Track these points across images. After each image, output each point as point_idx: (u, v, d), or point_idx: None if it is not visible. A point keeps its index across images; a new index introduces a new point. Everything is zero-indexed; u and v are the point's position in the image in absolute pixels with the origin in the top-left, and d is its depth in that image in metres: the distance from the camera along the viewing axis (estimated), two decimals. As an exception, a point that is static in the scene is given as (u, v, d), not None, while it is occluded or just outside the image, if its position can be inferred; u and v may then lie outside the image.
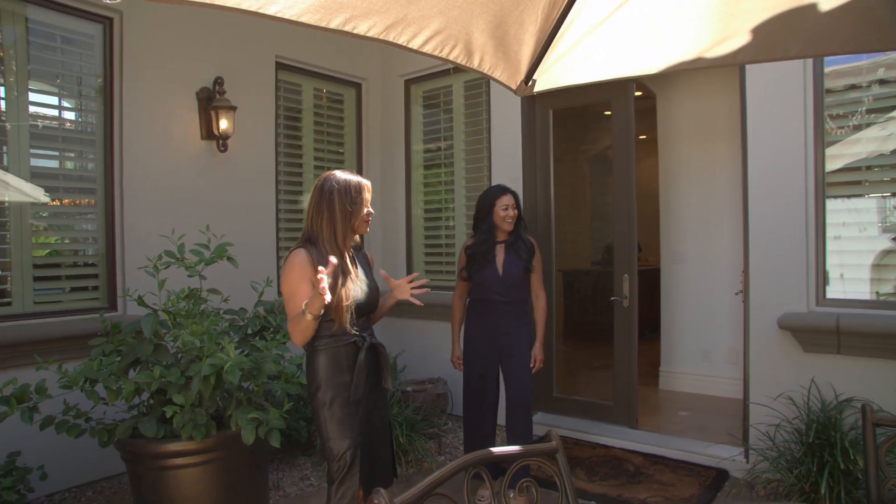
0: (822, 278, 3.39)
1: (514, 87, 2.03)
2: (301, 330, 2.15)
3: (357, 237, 2.42)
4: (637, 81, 5.18)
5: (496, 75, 1.90)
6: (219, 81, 4.11)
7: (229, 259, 2.98)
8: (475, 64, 1.80)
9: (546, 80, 2.06)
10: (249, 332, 3.15)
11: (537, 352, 3.37)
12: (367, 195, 2.34)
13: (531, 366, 3.34)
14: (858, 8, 1.77)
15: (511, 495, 2.49)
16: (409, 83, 5.20)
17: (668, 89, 5.49)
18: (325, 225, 2.25)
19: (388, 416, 2.59)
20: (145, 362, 2.71)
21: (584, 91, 4.37)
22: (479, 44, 1.73)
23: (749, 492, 3.26)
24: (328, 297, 2.03)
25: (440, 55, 1.67)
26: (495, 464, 3.00)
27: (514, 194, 3.36)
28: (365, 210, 2.32)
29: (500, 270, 3.29)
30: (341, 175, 2.32)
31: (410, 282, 2.46)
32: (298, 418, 3.94)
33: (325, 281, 1.99)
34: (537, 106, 4.58)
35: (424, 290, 2.44)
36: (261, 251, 4.42)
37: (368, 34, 1.50)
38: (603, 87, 4.23)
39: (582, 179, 7.86)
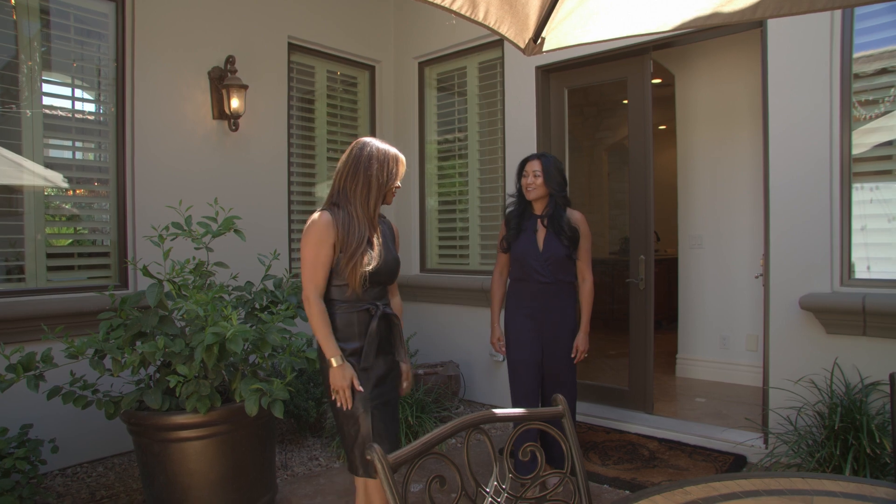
0: (848, 258, 3.26)
1: (522, 45, 1.96)
2: (314, 324, 2.19)
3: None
4: (656, 64, 5.07)
5: (503, 31, 1.83)
6: (230, 60, 4.09)
7: (236, 232, 2.95)
8: (480, 17, 1.73)
9: (555, 38, 1.98)
10: (257, 306, 3.12)
11: (580, 341, 3.07)
12: (402, 168, 2.34)
13: (572, 356, 3.06)
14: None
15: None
16: (423, 65, 5.14)
17: (686, 71, 5.36)
18: (359, 190, 2.22)
19: (397, 391, 2.44)
20: (150, 334, 2.70)
21: (599, 68, 4.28)
22: (484, -7, 1.67)
23: (772, 472, 3.16)
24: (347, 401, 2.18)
25: (443, 4, 1.61)
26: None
27: (545, 160, 3.01)
28: (397, 182, 2.33)
29: (541, 247, 3.01)
30: (380, 144, 2.32)
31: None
32: (307, 399, 3.92)
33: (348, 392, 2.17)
34: (552, 84, 4.49)
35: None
36: (272, 231, 4.40)
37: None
38: (618, 65, 4.16)
39: (600, 169, 7.77)
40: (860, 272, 3.25)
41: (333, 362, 2.15)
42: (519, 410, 1.52)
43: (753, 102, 4.58)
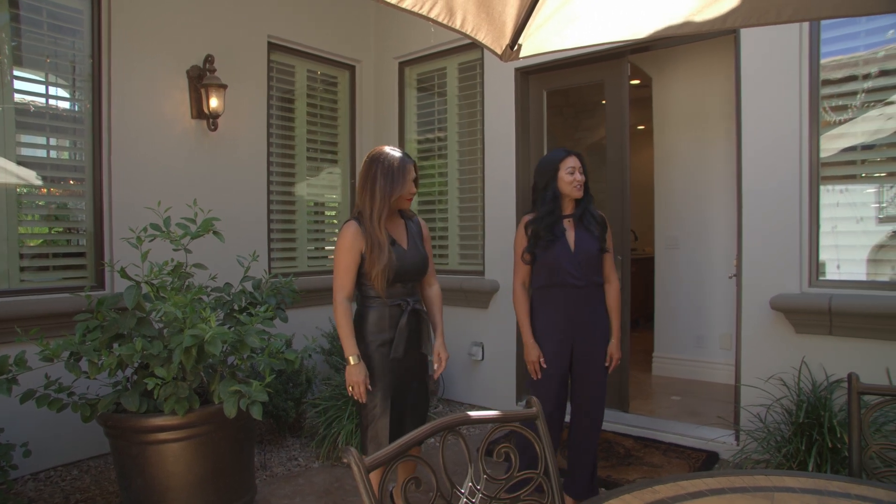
0: (816, 260, 3.35)
1: (499, 51, 1.99)
2: (338, 320, 2.42)
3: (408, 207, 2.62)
4: (633, 66, 5.14)
5: (480, 38, 1.86)
6: (209, 59, 4.07)
7: (215, 234, 2.95)
8: (457, 24, 1.76)
9: (532, 44, 2.02)
10: (236, 307, 3.12)
11: (614, 349, 2.82)
12: (409, 176, 2.48)
13: (606, 365, 2.82)
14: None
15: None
16: (403, 65, 5.16)
17: (663, 74, 5.45)
18: (367, 201, 2.43)
19: (427, 383, 2.66)
20: (128, 336, 2.68)
21: (577, 71, 4.33)
22: (460, 2, 1.69)
23: (739, 470, 3.23)
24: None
25: (420, 12, 1.63)
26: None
27: (580, 156, 2.84)
28: (408, 189, 2.48)
29: (573, 247, 2.76)
30: (388, 153, 2.48)
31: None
32: (287, 399, 3.92)
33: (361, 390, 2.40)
34: (531, 86, 4.53)
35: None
36: (252, 232, 4.39)
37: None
38: (596, 67, 4.21)
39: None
40: (831, 273, 3.34)
41: (351, 360, 2.38)
42: (494, 413, 1.55)
43: (728, 105, 4.67)
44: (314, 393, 4.11)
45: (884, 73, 3.20)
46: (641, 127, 7.63)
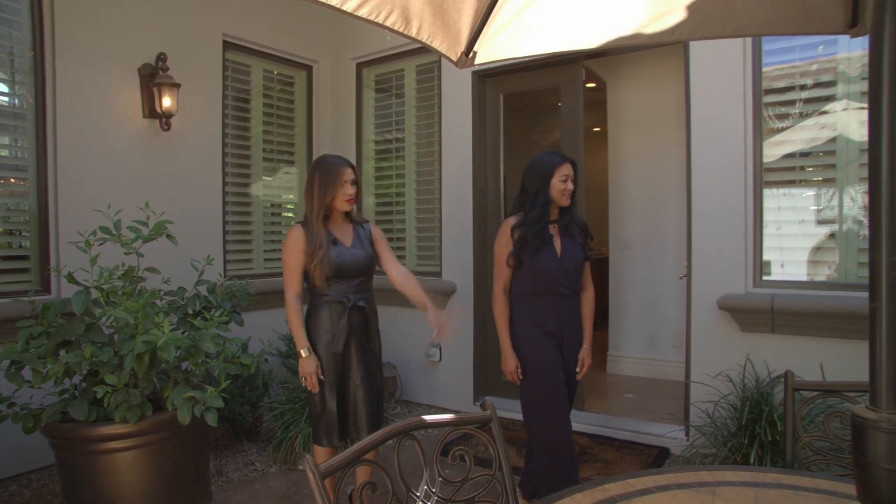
0: (760, 261, 3.49)
1: (454, 58, 2.02)
2: (288, 316, 2.62)
3: (352, 213, 2.78)
4: (588, 70, 5.25)
5: (436, 45, 1.88)
6: (162, 58, 3.98)
7: (168, 237, 2.89)
8: (413, 32, 1.77)
9: (487, 52, 2.05)
10: (190, 312, 3.06)
11: (586, 355, 2.79)
12: (346, 177, 2.64)
13: (578, 370, 2.80)
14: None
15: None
16: (361, 66, 5.14)
17: (617, 79, 5.58)
18: (308, 203, 2.66)
19: (377, 380, 2.77)
20: (76, 342, 2.61)
21: (534, 75, 4.40)
22: (416, 10, 1.71)
23: (685, 466, 3.35)
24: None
25: (376, 20, 1.64)
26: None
27: (574, 164, 2.77)
28: (343, 191, 2.63)
29: (559, 254, 2.70)
30: (327, 157, 2.72)
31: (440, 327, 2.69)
32: (243, 403, 3.87)
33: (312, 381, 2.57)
34: (488, 90, 4.58)
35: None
36: (207, 235, 4.31)
37: (299, -7, 1.46)
38: (552, 72, 4.29)
39: (536, 169, 7.93)
40: (775, 273, 3.49)
41: (302, 353, 2.57)
42: (448, 416, 1.58)
43: (679, 111, 4.81)
44: (271, 396, 4.06)
45: (818, 84, 3.37)
46: (597, 129, 7.78)
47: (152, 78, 3.96)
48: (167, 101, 3.94)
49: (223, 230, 4.48)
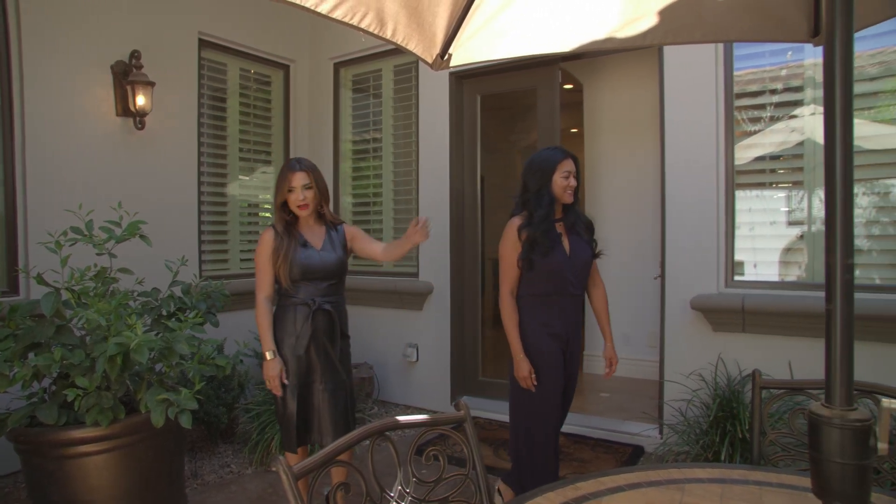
0: (731, 262, 3.56)
1: (429, 60, 2.03)
2: (256, 316, 2.66)
3: (325, 214, 2.77)
4: (565, 71, 5.29)
5: (410, 47, 1.89)
6: (135, 55, 3.93)
7: (142, 237, 2.85)
8: (388, 34, 1.78)
9: (462, 54, 2.06)
10: (164, 313, 3.03)
11: (611, 353, 2.79)
12: (293, 183, 2.64)
13: (607, 370, 2.79)
14: (754, 0, 1.87)
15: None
16: (338, 66, 5.13)
17: (594, 81, 5.64)
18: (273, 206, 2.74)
19: (344, 384, 2.73)
20: (45, 345, 2.57)
21: (511, 77, 4.43)
22: (391, 12, 1.71)
23: (656, 464, 3.41)
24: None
25: (351, 22, 1.65)
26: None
27: (576, 159, 2.70)
28: (293, 196, 2.64)
29: (569, 253, 2.62)
30: (289, 161, 2.74)
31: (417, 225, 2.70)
32: (218, 404, 3.84)
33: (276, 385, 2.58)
34: (465, 91, 4.60)
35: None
36: (181, 235, 4.26)
37: (273, -6, 1.46)
38: (529, 74, 4.32)
39: (514, 169, 7.99)
40: (746, 274, 3.55)
41: (267, 356, 2.58)
42: (422, 417, 1.59)
43: (655, 113, 4.87)
44: (247, 397, 4.04)
45: (787, 89, 3.44)
46: (575, 130, 7.85)
47: (126, 75, 3.91)
48: (141, 100, 3.89)
49: (198, 230, 4.44)
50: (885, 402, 0.93)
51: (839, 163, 0.91)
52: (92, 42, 3.79)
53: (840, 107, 0.90)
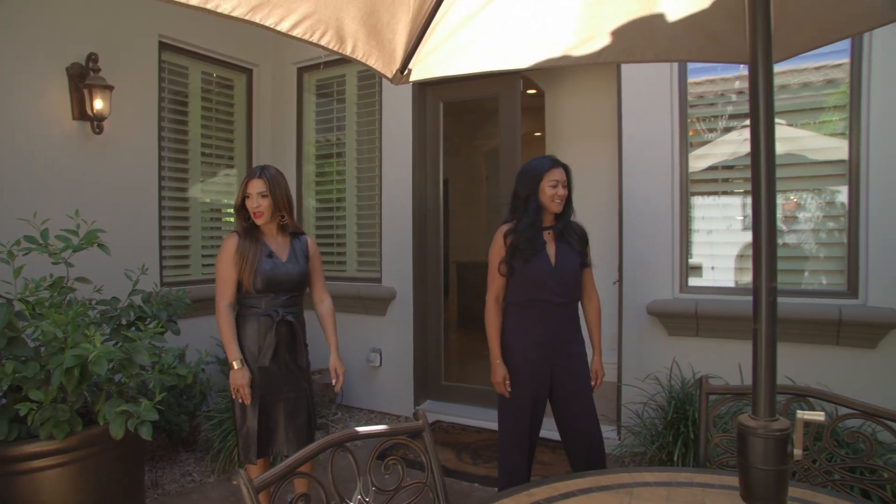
0: (686, 268, 3.68)
1: (389, 75, 2.06)
2: (219, 326, 2.61)
3: (288, 223, 2.78)
4: (527, 78, 5.38)
5: (370, 63, 1.93)
6: (93, 58, 3.85)
7: (100, 246, 2.82)
8: (348, 51, 1.81)
9: (421, 70, 2.11)
10: (123, 322, 3.00)
11: (598, 366, 2.73)
12: (249, 190, 2.65)
13: (592, 382, 2.70)
14: (701, 22, 1.95)
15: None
16: (301, 71, 5.12)
17: (555, 88, 5.74)
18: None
19: (305, 394, 2.77)
20: (-2, 357, 2.52)
21: (474, 84, 4.49)
22: (350, 31, 1.75)
23: (616, 464, 3.51)
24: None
25: (311, 40, 1.67)
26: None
27: (567, 168, 2.74)
28: (248, 203, 2.65)
29: (553, 261, 2.64)
30: (254, 168, 2.73)
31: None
32: (180, 412, 3.80)
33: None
34: (428, 98, 4.65)
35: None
36: (142, 240, 4.20)
37: (233, 14, 1.48)
38: (491, 82, 4.39)
39: (478, 174, 8.07)
40: (701, 279, 3.67)
41: (235, 365, 2.54)
42: (381, 427, 1.63)
43: (613, 120, 4.99)
44: (209, 405, 4.01)
45: (741, 100, 3.58)
46: (538, 134, 7.97)
47: (82, 78, 3.83)
48: (99, 104, 3.82)
49: (159, 236, 4.38)
50: (800, 413, 1.01)
51: (763, 195, 0.98)
52: (45, 44, 3.70)
53: (764, 135, 0.97)
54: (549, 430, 4.05)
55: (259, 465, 2.66)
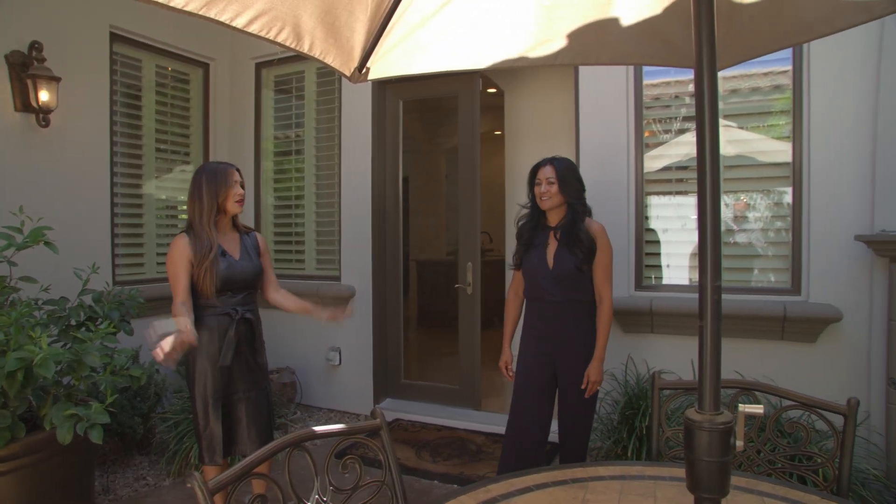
0: (641, 266, 3.77)
1: (347, 73, 2.05)
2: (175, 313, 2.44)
3: (237, 221, 2.73)
4: (487, 77, 5.42)
5: (328, 61, 1.91)
6: (36, 46, 3.70)
7: (47, 244, 2.73)
8: (305, 48, 1.79)
9: (380, 68, 2.10)
10: (73, 323, 2.91)
11: (592, 370, 2.68)
12: (235, 178, 2.63)
13: (583, 388, 2.69)
14: (654, 28, 2.00)
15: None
16: (260, 66, 5.04)
17: (514, 88, 5.80)
18: (195, 209, 2.57)
19: (265, 392, 2.74)
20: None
21: (433, 83, 4.50)
22: (308, 28, 1.73)
23: (564, 464, 3.57)
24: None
25: (268, 37, 1.65)
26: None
27: (558, 164, 2.76)
28: (233, 192, 2.60)
29: (551, 263, 2.71)
30: (210, 164, 2.67)
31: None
32: (133, 414, 3.71)
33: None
34: (388, 96, 4.64)
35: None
36: (93, 237, 4.06)
37: (187, 8, 1.46)
38: (450, 80, 4.41)
39: (438, 172, 8.09)
40: (655, 277, 3.76)
41: (182, 324, 2.30)
42: (339, 426, 1.63)
43: (571, 120, 5.07)
44: (164, 406, 3.92)
45: (694, 103, 3.67)
46: (498, 132, 8.03)
47: (25, 68, 3.68)
48: (45, 95, 3.68)
49: (112, 233, 4.25)
50: (741, 407, 1.05)
51: (709, 196, 1.01)
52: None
53: (709, 140, 1.01)
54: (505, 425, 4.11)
55: (215, 469, 2.61)
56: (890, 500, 2.66)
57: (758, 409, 1.06)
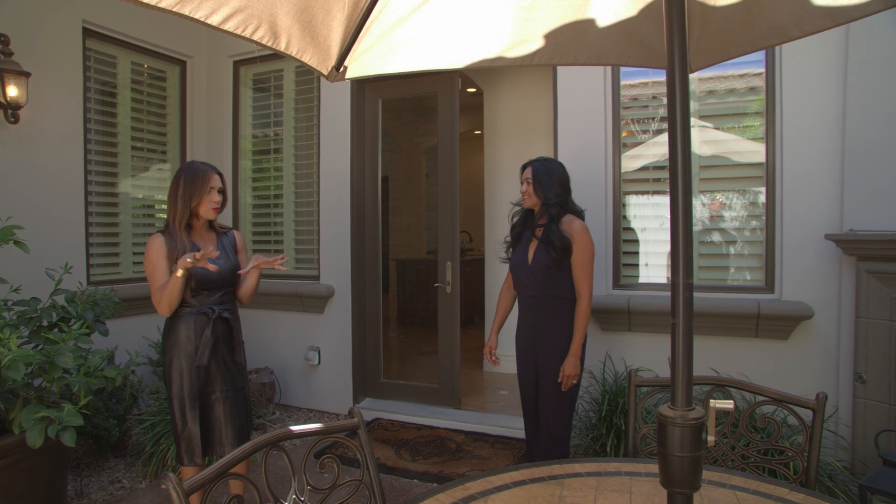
0: (619, 265, 3.81)
1: (325, 72, 2.04)
2: (167, 295, 2.43)
3: (214, 223, 2.72)
4: (466, 77, 5.44)
5: (305, 59, 1.91)
6: (3, 40, 3.63)
7: (17, 243, 2.67)
8: (282, 47, 1.78)
9: (357, 67, 2.10)
10: (44, 323, 2.86)
11: (567, 365, 2.74)
12: (213, 184, 2.61)
13: (559, 381, 2.76)
14: (630, 29, 2.03)
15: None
16: (238, 64, 5.00)
17: (493, 87, 5.82)
18: (171, 209, 2.57)
19: (243, 392, 2.71)
20: None
21: (413, 83, 4.50)
22: (284, 26, 1.72)
23: (542, 461, 3.59)
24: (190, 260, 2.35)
25: (244, 34, 1.64)
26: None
27: (535, 165, 2.89)
28: (208, 198, 2.59)
29: (530, 258, 2.85)
30: (193, 165, 2.63)
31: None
32: (109, 417, 3.65)
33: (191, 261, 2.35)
34: (367, 95, 4.63)
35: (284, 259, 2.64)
36: (66, 237, 4.00)
37: (160, 5, 1.44)
38: (430, 80, 4.41)
39: (418, 171, 8.10)
40: (635, 276, 3.79)
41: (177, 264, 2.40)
42: (316, 426, 1.62)
43: (549, 120, 5.11)
44: (140, 408, 3.87)
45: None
46: (478, 132, 8.06)
47: (-9, 62, 3.61)
48: (13, 91, 3.61)
49: (86, 232, 4.18)
50: (712, 402, 1.07)
51: (681, 197, 1.03)
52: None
53: (681, 142, 1.03)
54: (487, 424, 4.14)
55: (193, 470, 2.58)
56: (854, 490, 2.72)
57: (728, 404, 1.08)
